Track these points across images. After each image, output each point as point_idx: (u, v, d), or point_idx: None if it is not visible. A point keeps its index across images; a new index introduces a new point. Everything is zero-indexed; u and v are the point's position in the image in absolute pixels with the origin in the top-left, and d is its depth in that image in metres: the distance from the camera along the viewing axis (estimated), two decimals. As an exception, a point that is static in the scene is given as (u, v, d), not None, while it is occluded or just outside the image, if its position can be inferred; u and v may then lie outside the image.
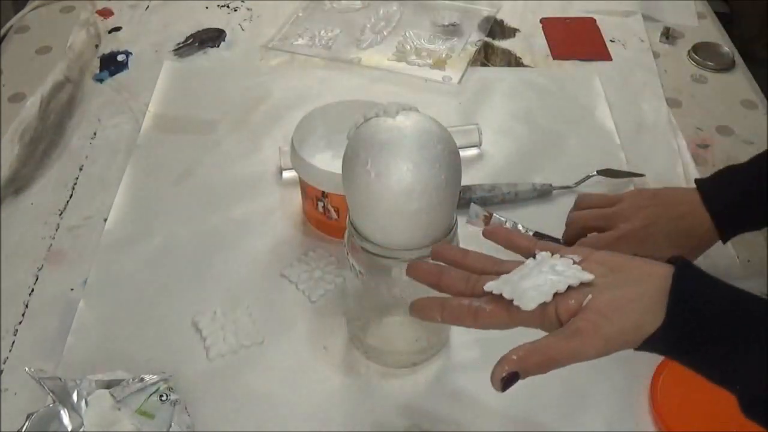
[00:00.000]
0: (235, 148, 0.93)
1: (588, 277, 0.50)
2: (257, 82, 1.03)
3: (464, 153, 0.89)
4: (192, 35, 1.11)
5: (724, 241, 0.72)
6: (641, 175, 0.88)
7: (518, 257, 0.56)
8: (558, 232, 0.78)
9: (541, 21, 1.16)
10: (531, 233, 0.76)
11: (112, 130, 0.96)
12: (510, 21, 1.16)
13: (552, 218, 0.80)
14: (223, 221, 0.84)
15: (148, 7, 1.17)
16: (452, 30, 1.13)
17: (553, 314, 0.50)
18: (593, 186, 0.86)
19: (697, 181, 0.74)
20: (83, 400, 0.63)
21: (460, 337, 0.72)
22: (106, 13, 1.16)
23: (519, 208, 0.84)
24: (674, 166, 0.90)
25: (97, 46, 1.09)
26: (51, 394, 0.62)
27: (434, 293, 0.57)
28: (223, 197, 0.86)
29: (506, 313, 0.51)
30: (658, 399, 0.66)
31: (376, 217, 0.59)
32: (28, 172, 0.89)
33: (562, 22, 1.16)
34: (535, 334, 0.54)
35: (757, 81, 1.07)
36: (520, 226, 0.74)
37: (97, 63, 1.06)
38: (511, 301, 0.51)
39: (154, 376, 0.65)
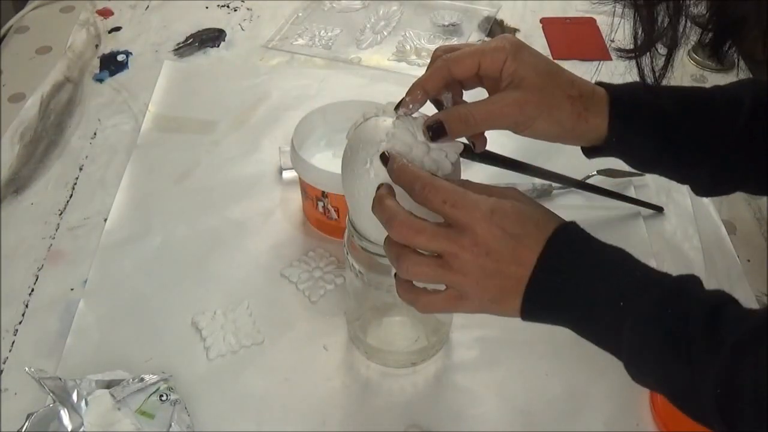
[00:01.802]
0: (234, 148, 0.93)
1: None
2: (257, 82, 1.03)
3: (464, 153, 0.89)
4: (192, 35, 1.11)
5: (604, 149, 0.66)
6: (641, 175, 0.88)
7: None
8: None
9: (541, 21, 1.16)
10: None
11: (112, 130, 0.96)
12: (510, 21, 1.16)
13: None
14: (222, 221, 0.84)
15: (148, 7, 1.17)
16: (452, 30, 1.13)
17: None
18: (593, 186, 0.86)
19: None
20: (83, 400, 0.63)
21: (460, 336, 0.72)
22: (106, 13, 1.16)
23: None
24: (674, 166, 0.90)
25: (97, 46, 1.09)
26: (51, 394, 0.62)
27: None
28: (223, 197, 0.86)
29: None
30: (658, 399, 0.66)
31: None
32: (28, 172, 0.89)
33: (562, 22, 1.16)
34: (535, 336, 0.54)
35: (757, 81, 1.06)
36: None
37: (97, 63, 1.06)
38: None
39: (154, 376, 0.65)
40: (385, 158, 0.56)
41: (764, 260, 0.80)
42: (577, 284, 0.52)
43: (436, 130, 0.56)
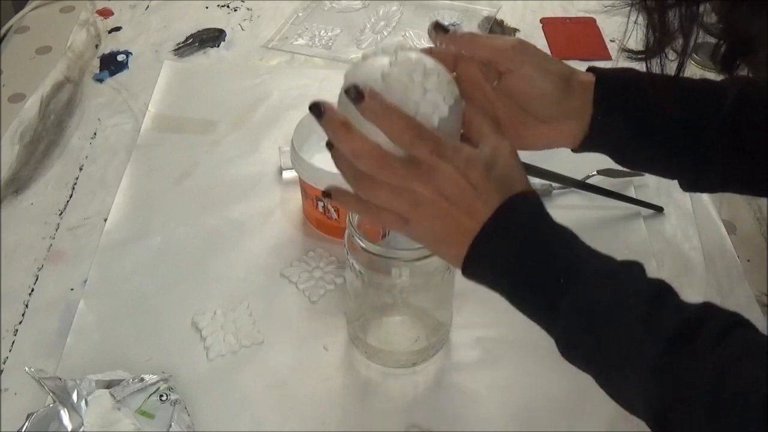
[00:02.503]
0: (234, 148, 0.93)
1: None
2: (257, 82, 1.03)
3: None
4: (192, 35, 1.11)
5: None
6: (641, 175, 0.87)
7: None
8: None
9: (541, 21, 1.16)
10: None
11: (112, 130, 0.96)
12: (510, 21, 1.16)
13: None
14: (222, 221, 0.84)
15: (148, 7, 1.17)
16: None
17: None
18: (593, 186, 0.86)
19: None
20: (83, 400, 0.63)
21: (460, 336, 0.72)
22: (106, 13, 1.16)
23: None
24: (674, 166, 0.90)
25: (97, 46, 1.09)
26: (51, 394, 0.62)
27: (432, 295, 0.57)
28: (223, 197, 0.86)
29: None
30: (658, 399, 0.66)
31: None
32: (28, 172, 0.89)
33: (562, 22, 1.16)
34: (536, 336, 0.54)
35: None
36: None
37: (97, 63, 1.06)
38: None
39: (154, 376, 0.65)
40: (358, 92, 0.53)
41: (764, 260, 0.80)
42: (520, 252, 0.53)
43: (442, 27, 0.59)
